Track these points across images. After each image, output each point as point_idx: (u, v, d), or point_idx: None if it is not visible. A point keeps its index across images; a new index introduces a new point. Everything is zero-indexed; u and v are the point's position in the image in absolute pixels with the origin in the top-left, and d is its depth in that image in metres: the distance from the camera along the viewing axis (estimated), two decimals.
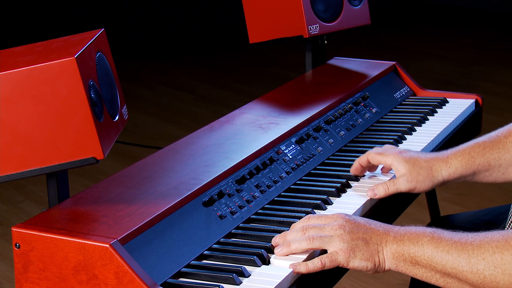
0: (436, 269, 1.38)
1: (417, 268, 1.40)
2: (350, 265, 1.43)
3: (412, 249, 1.40)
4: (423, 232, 1.41)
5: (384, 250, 1.43)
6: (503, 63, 6.39)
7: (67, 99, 1.45)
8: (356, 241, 1.43)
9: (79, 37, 1.62)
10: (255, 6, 2.44)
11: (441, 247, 1.37)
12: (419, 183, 1.72)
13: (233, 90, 5.80)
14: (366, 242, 1.43)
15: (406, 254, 1.41)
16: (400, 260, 1.42)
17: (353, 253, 1.43)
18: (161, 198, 1.53)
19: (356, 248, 1.43)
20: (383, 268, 1.44)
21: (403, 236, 1.42)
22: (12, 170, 1.49)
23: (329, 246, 1.45)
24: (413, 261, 1.40)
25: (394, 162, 1.73)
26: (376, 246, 1.43)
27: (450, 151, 1.76)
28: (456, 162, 1.74)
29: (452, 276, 1.37)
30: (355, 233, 1.44)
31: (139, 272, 1.33)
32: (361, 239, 1.44)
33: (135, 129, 4.92)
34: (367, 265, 1.43)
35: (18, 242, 1.42)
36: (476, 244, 1.35)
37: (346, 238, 1.44)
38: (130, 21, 7.09)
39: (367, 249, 1.43)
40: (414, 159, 1.73)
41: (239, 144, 1.82)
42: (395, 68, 2.47)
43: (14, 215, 3.82)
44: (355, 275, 3.15)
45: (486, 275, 1.33)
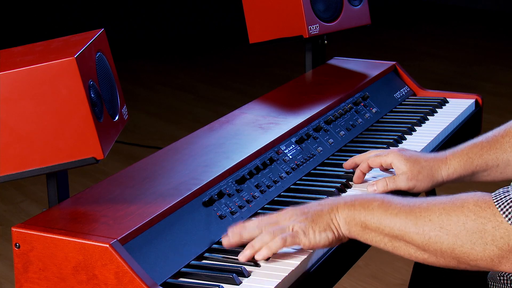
0: (384, 232, 1.41)
1: (367, 233, 1.43)
2: (312, 241, 1.45)
3: (362, 213, 1.43)
4: (373, 198, 1.45)
5: (336, 216, 1.45)
6: (503, 63, 6.39)
7: (67, 99, 1.45)
8: (310, 217, 1.46)
9: (79, 37, 1.62)
10: (255, 6, 2.44)
11: (390, 210, 1.40)
12: (418, 182, 1.73)
13: (233, 90, 5.80)
14: (319, 215, 1.46)
15: (357, 219, 1.44)
16: (351, 224, 1.44)
17: (312, 229, 1.45)
18: (161, 198, 1.53)
19: (311, 224, 1.45)
20: (341, 234, 1.46)
21: (354, 202, 1.45)
22: (12, 170, 1.49)
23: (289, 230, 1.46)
24: (363, 225, 1.43)
25: (395, 160, 1.74)
26: (328, 215, 1.46)
27: (449, 152, 1.77)
28: (455, 163, 1.75)
29: (399, 238, 1.40)
30: (306, 212, 1.47)
31: (139, 272, 1.33)
32: (315, 214, 1.46)
33: (135, 129, 4.92)
34: (327, 236, 1.45)
35: (18, 242, 1.42)
36: (424, 207, 1.38)
37: (300, 218, 1.46)
38: (130, 21, 7.09)
39: (321, 221, 1.45)
40: (415, 158, 1.74)
41: (239, 144, 1.82)
42: (395, 68, 2.47)
43: (14, 215, 3.82)
44: (355, 275, 3.15)
45: (431, 235, 1.36)
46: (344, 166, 1.84)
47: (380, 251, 1.56)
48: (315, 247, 1.47)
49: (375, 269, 3.21)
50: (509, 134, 1.75)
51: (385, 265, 3.23)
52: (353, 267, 1.78)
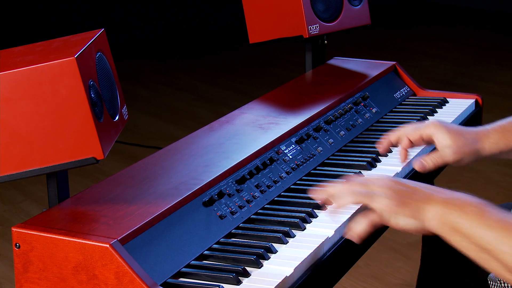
0: (473, 240, 1.31)
1: (455, 235, 1.34)
2: (395, 223, 1.39)
3: (455, 215, 1.34)
4: (471, 201, 1.35)
5: (428, 209, 1.37)
6: (503, 63, 6.39)
7: (67, 99, 1.45)
8: (400, 198, 1.38)
9: (79, 37, 1.62)
10: (255, 6, 2.44)
11: (485, 220, 1.31)
12: (465, 155, 1.69)
13: (233, 90, 5.80)
14: (412, 200, 1.38)
15: (449, 219, 1.34)
16: (441, 222, 1.36)
17: (398, 209, 1.37)
18: (161, 198, 1.53)
19: (400, 205, 1.38)
20: (427, 227, 1.37)
21: (449, 200, 1.37)
22: (12, 170, 1.49)
23: (374, 202, 1.39)
24: (454, 227, 1.34)
25: (437, 133, 1.68)
26: (420, 204, 1.37)
27: (490, 126, 1.73)
28: (497, 137, 1.71)
29: (487, 252, 1.30)
30: (399, 191, 1.39)
31: (139, 272, 1.33)
32: (405, 196, 1.38)
33: (135, 129, 4.92)
34: (409, 223, 1.38)
35: (18, 242, 1.42)
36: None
37: (390, 195, 1.38)
38: (130, 21, 7.09)
39: (410, 206, 1.37)
40: (456, 130, 1.69)
41: (239, 144, 1.83)
42: (395, 68, 2.47)
43: (14, 215, 3.82)
44: (355, 275, 3.15)
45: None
46: (380, 150, 1.80)
47: (380, 251, 1.56)
48: (396, 228, 1.40)
49: (375, 269, 3.21)
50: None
51: (385, 265, 3.23)
52: (353, 267, 1.78)
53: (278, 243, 1.53)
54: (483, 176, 4.11)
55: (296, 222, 1.60)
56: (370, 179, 1.43)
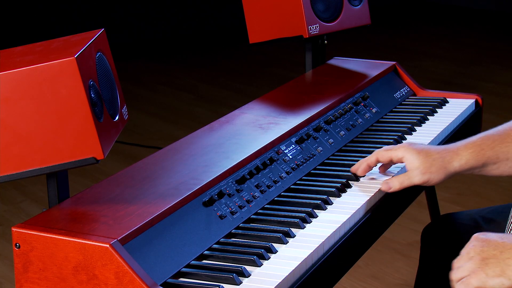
0: None
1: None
2: (489, 285, 1.34)
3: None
4: None
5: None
6: (503, 63, 6.39)
7: (67, 99, 1.45)
8: (487, 260, 1.35)
9: (79, 37, 1.62)
10: (255, 6, 2.44)
11: None
12: (432, 175, 1.72)
13: (233, 90, 5.80)
14: (496, 259, 1.35)
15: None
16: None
17: (485, 272, 1.34)
18: (161, 198, 1.53)
19: (486, 267, 1.34)
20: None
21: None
22: (12, 170, 1.49)
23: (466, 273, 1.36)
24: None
25: (407, 155, 1.72)
26: (508, 261, 1.34)
27: (460, 143, 1.76)
28: (467, 154, 1.73)
29: None
30: (485, 251, 1.37)
31: (139, 272, 1.33)
32: (492, 256, 1.36)
33: (135, 129, 4.92)
34: (502, 282, 1.33)
35: (18, 242, 1.42)
36: None
37: (476, 259, 1.36)
38: (130, 21, 7.09)
39: (498, 265, 1.34)
40: (426, 150, 1.72)
41: (239, 144, 1.82)
42: (395, 68, 2.47)
43: (14, 215, 3.82)
44: (355, 275, 3.15)
45: None
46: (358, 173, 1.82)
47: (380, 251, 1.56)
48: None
49: (375, 269, 3.21)
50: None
51: (385, 265, 3.23)
52: (353, 267, 1.78)
53: (278, 243, 1.53)
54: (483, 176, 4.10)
55: (296, 222, 1.60)
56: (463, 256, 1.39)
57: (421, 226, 2.16)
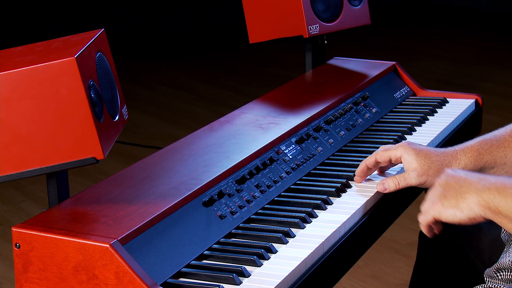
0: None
1: (500, 218, 1.42)
2: (442, 216, 1.48)
3: (496, 198, 1.41)
4: (509, 183, 1.42)
5: (470, 197, 1.44)
6: (503, 63, 6.39)
7: (67, 99, 1.45)
8: (447, 191, 1.48)
9: (79, 37, 1.62)
10: (255, 6, 2.44)
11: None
12: (429, 178, 1.72)
13: (233, 90, 5.80)
14: (455, 191, 1.47)
15: (490, 203, 1.42)
16: (485, 208, 1.43)
17: (441, 203, 1.48)
18: (161, 198, 1.53)
19: (444, 199, 1.48)
20: (474, 214, 1.44)
21: (491, 185, 1.43)
22: (12, 170, 1.49)
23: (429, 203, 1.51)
24: (496, 211, 1.41)
25: (405, 155, 1.72)
26: (463, 194, 1.45)
27: (458, 147, 1.76)
28: (465, 158, 1.74)
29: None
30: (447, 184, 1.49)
31: (139, 272, 1.33)
32: (452, 188, 1.47)
33: (135, 129, 4.92)
34: (455, 213, 1.46)
35: (18, 242, 1.42)
36: None
37: (438, 191, 1.50)
38: (130, 21, 7.09)
39: (454, 197, 1.46)
40: (425, 152, 1.72)
41: (239, 144, 1.82)
42: (395, 68, 2.47)
43: (14, 215, 3.82)
44: (355, 275, 3.15)
45: None
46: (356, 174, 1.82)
47: (380, 251, 1.57)
48: (445, 221, 1.50)
49: (375, 269, 3.21)
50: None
51: (385, 265, 3.23)
52: (353, 267, 1.78)
53: (278, 243, 1.53)
54: None
55: (296, 222, 1.60)
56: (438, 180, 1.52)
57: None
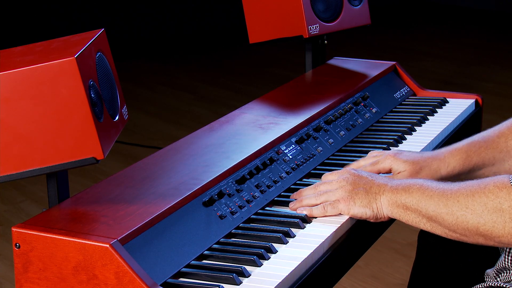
0: (422, 213, 1.52)
1: (408, 214, 1.55)
2: (351, 212, 1.59)
3: (403, 196, 1.55)
4: (414, 182, 1.57)
5: (381, 198, 1.58)
6: (503, 63, 6.40)
7: (67, 99, 1.45)
8: (357, 190, 1.59)
9: (79, 37, 1.62)
10: (255, 6, 2.44)
11: (426, 193, 1.52)
12: None
13: (233, 90, 5.80)
14: (366, 191, 1.59)
15: (399, 201, 1.55)
16: (394, 206, 1.56)
17: (353, 201, 1.59)
18: (161, 198, 1.53)
19: (356, 197, 1.59)
20: (382, 214, 1.58)
21: (398, 186, 1.57)
22: (12, 170, 1.49)
23: (333, 197, 1.61)
24: (405, 207, 1.55)
25: (394, 165, 1.76)
26: (374, 195, 1.58)
27: (446, 149, 1.80)
28: (454, 161, 1.78)
29: (434, 219, 1.51)
30: (356, 184, 1.60)
31: (139, 272, 1.33)
32: (361, 188, 1.59)
33: (135, 129, 4.92)
34: (365, 212, 1.58)
35: (18, 242, 1.42)
36: (454, 189, 1.50)
37: (348, 188, 1.60)
38: (130, 21, 7.09)
39: (366, 197, 1.58)
40: (412, 159, 1.76)
41: (239, 144, 1.83)
42: (395, 68, 2.47)
43: (14, 215, 3.82)
44: (355, 275, 3.15)
45: (458, 215, 1.47)
46: None
47: (380, 251, 1.58)
48: (352, 217, 1.60)
49: (375, 269, 3.21)
50: (504, 135, 1.80)
51: (385, 265, 3.23)
52: (353, 267, 1.78)
53: (278, 243, 1.54)
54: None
55: (296, 222, 1.60)
56: (333, 177, 1.65)
57: None
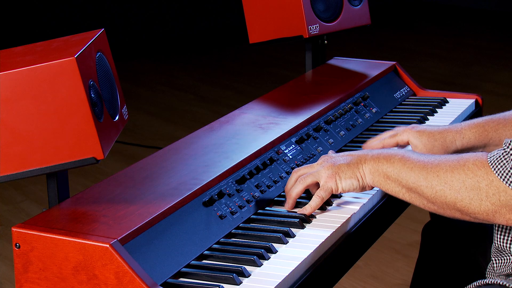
0: (402, 183, 1.56)
1: (388, 183, 1.59)
2: (340, 187, 1.63)
3: (385, 165, 1.59)
4: (395, 153, 1.60)
5: (363, 167, 1.62)
6: (503, 63, 6.39)
7: (67, 99, 1.45)
8: (338, 165, 1.63)
9: (79, 37, 1.62)
10: (255, 6, 2.44)
11: (408, 164, 1.56)
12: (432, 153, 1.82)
13: (233, 90, 5.80)
14: (347, 164, 1.63)
15: (380, 170, 1.59)
16: (375, 175, 1.60)
17: (339, 176, 1.62)
18: (161, 198, 1.53)
19: (339, 171, 1.62)
20: (366, 183, 1.62)
21: (379, 155, 1.61)
22: (12, 170, 1.49)
23: (319, 177, 1.63)
24: (385, 176, 1.59)
25: (411, 137, 1.85)
26: (356, 165, 1.62)
27: (464, 123, 1.87)
28: (470, 133, 1.84)
29: (413, 190, 1.55)
30: (337, 160, 1.65)
31: (139, 272, 1.33)
32: (343, 163, 1.63)
33: (135, 129, 4.92)
34: (352, 183, 1.62)
35: (18, 242, 1.42)
36: (435, 163, 1.53)
37: (330, 166, 1.63)
38: (130, 21, 7.09)
39: (348, 169, 1.62)
40: (428, 132, 1.84)
41: (239, 144, 1.83)
42: (395, 68, 2.47)
43: (14, 215, 3.82)
44: (355, 275, 3.15)
45: (437, 189, 1.50)
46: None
47: (380, 251, 1.58)
48: (340, 192, 1.64)
49: (375, 269, 3.21)
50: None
51: (385, 265, 3.23)
52: (353, 267, 1.78)
53: (278, 243, 1.54)
54: None
55: (296, 222, 1.60)
56: (312, 164, 1.68)
57: (421, 226, 2.16)
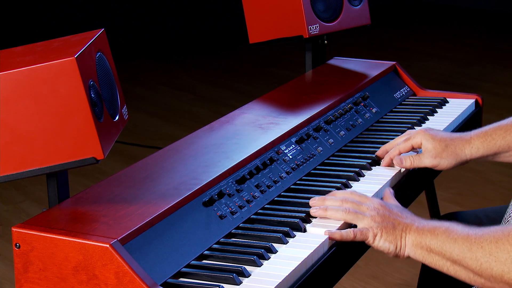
0: (446, 256, 1.50)
1: (431, 256, 1.53)
2: (375, 244, 1.58)
3: (428, 238, 1.53)
4: (440, 224, 1.54)
5: (406, 237, 1.56)
6: (503, 63, 6.39)
7: (67, 99, 1.45)
8: (385, 224, 1.57)
9: (79, 37, 1.62)
10: (255, 6, 2.44)
11: (452, 236, 1.50)
12: (443, 160, 1.84)
13: (233, 90, 5.80)
14: (393, 227, 1.57)
15: (423, 243, 1.53)
16: (418, 248, 1.54)
17: (381, 234, 1.57)
18: (161, 198, 1.53)
19: (384, 231, 1.57)
20: (403, 253, 1.57)
21: (423, 227, 1.55)
22: (12, 170, 1.49)
23: (361, 223, 1.58)
24: (429, 249, 1.53)
25: (424, 140, 1.85)
26: (400, 232, 1.56)
27: (473, 132, 1.88)
28: (478, 143, 1.85)
29: (458, 263, 1.49)
30: (386, 217, 1.59)
31: (139, 272, 1.33)
32: (390, 223, 1.58)
33: (135, 129, 4.92)
34: (389, 247, 1.57)
35: (18, 242, 1.42)
36: (479, 234, 1.47)
37: (378, 220, 1.58)
38: (130, 21, 7.09)
39: (392, 233, 1.56)
40: (440, 137, 1.86)
41: (239, 144, 1.83)
42: (395, 68, 2.47)
43: (14, 215, 3.82)
44: (355, 275, 3.15)
45: (482, 262, 1.44)
46: (376, 156, 1.94)
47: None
48: (372, 246, 1.60)
49: (375, 269, 3.21)
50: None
51: (385, 265, 3.23)
52: (353, 267, 1.78)
53: (278, 243, 1.54)
54: (483, 176, 4.11)
55: (296, 222, 1.60)
56: (363, 200, 1.63)
57: None
